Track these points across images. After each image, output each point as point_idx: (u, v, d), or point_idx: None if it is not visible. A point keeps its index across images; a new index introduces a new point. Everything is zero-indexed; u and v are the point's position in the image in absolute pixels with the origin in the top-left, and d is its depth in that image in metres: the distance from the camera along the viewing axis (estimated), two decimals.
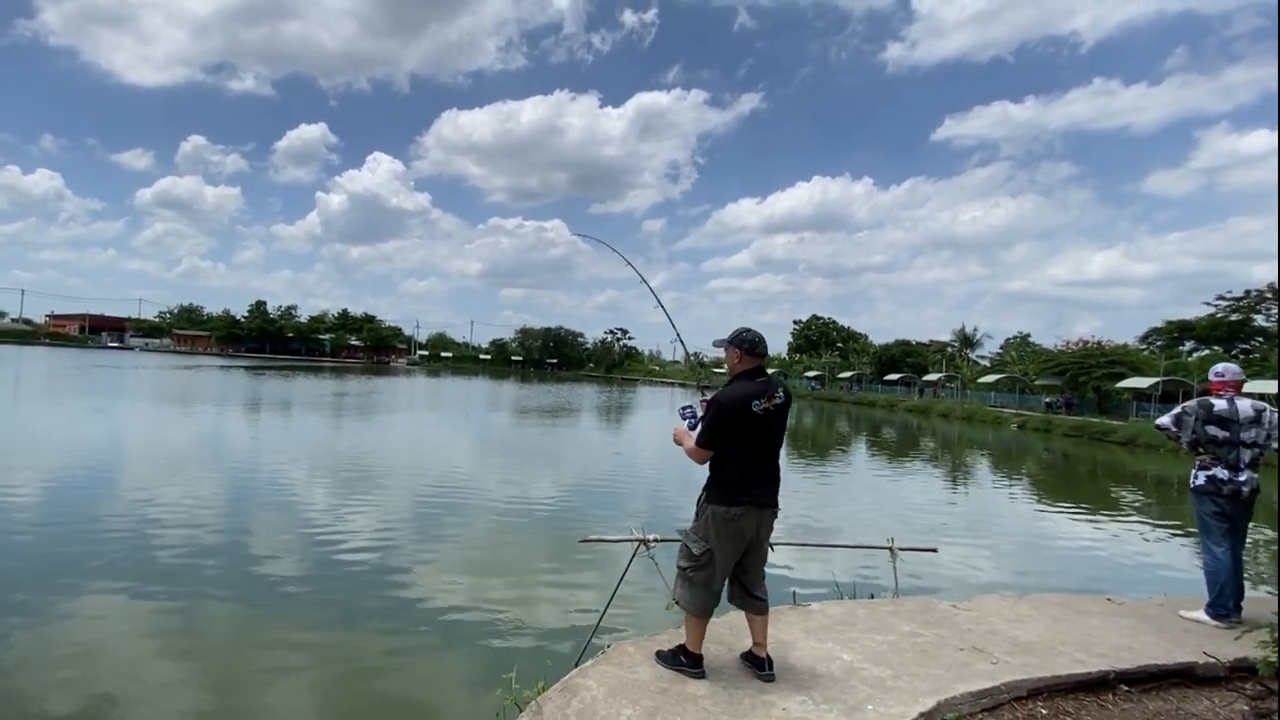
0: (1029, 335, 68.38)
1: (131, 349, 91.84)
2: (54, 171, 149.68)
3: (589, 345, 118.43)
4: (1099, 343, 45.77)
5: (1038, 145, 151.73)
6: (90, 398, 25.18)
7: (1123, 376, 39.27)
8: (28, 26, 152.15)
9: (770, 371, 3.40)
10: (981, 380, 53.06)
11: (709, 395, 3.40)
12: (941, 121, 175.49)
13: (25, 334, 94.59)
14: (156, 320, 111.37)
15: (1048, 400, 42.56)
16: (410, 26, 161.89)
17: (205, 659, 4.92)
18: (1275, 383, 27.57)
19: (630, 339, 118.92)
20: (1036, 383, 46.73)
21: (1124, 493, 17.00)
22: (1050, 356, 49.17)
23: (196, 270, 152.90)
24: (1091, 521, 12.47)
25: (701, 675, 3.16)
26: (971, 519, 12.31)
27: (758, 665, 3.22)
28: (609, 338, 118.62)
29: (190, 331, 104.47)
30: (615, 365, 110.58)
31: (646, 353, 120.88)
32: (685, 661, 3.21)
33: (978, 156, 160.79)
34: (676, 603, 3.27)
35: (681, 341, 4.58)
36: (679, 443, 3.41)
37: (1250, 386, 24.78)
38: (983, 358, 67.10)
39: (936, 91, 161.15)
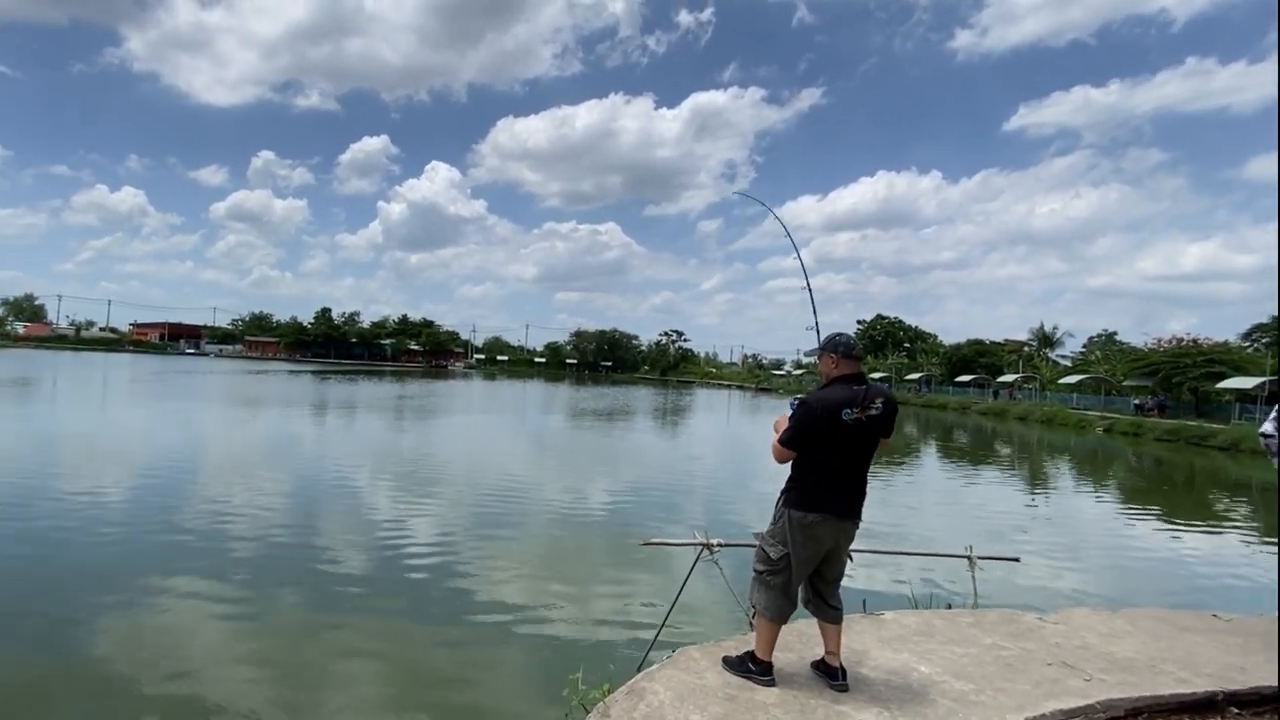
0: (1115, 333, 64.35)
1: (206, 355, 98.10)
2: (138, 189, 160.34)
3: (644, 348, 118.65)
4: (1195, 340, 42.56)
5: (1123, 131, 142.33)
6: (171, 401, 27.02)
7: (1223, 376, 36.38)
8: (115, 54, 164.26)
9: (876, 376, 3.26)
10: (1062, 381, 50.23)
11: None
12: (1015, 110, 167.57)
13: (112, 341, 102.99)
14: (229, 327, 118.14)
15: (1137, 402, 39.89)
16: (468, 37, 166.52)
17: (276, 649, 5.14)
18: None
19: (686, 341, 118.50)
20: (1124, 383, 43.88)
21: (1226, 502, 15.74)
22: (1140, 355, 46.08)
23: (266, 279, 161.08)
24: (1189, 532, 11.60)
25: (771, 683, 3.09)
26: (1054, 527, 11.65)
27: (831, 675, 3.12)
28: (664, 340, 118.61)
29: (260, 338, 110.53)
30: (670, 367, 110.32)
31: (702, 354, 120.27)
32: (754, 668, 3.14)
33: (1056, 145, 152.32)
34: (753, 606, 3.20)
35: (818, 331, 4.08)
36: (777, 431, 3.28)
37: None
38: (1063, 357, 63.53)
39: (1010, 79, 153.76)
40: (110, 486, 10.35)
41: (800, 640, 3.53)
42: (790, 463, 3.16)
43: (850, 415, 3.01)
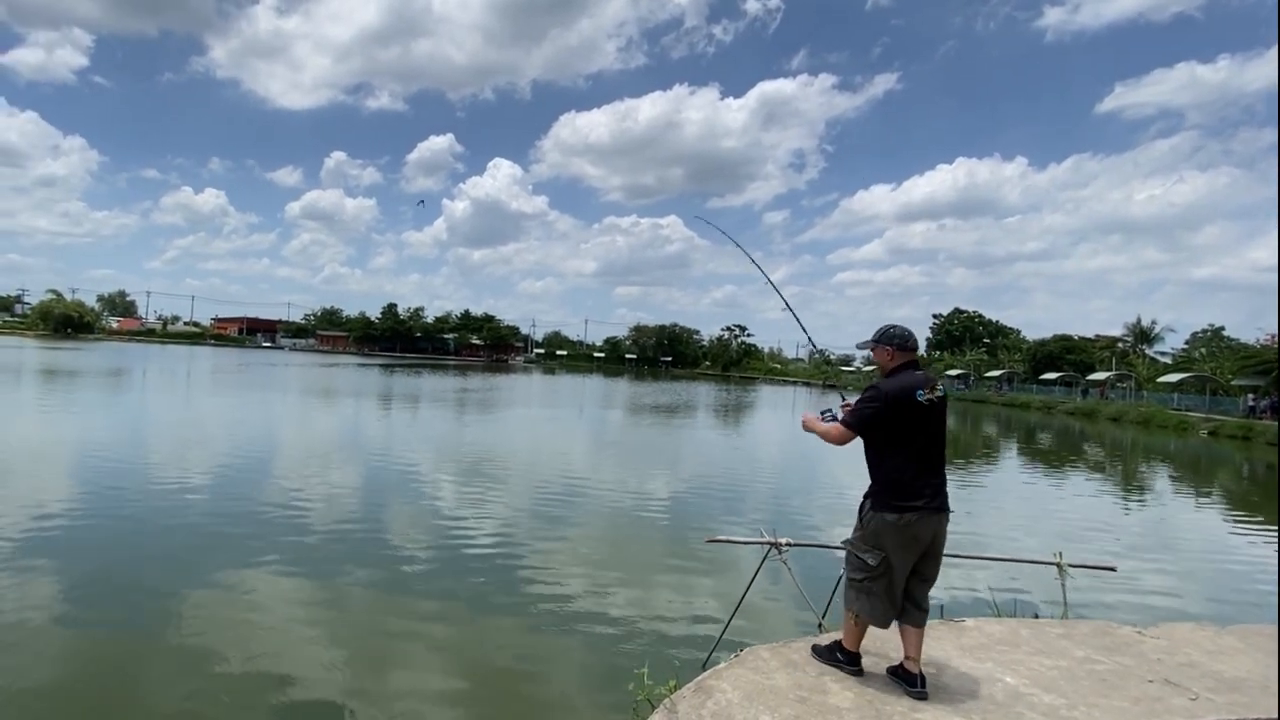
0: (1223, 329, 59.52)
1: (281, 348, 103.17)
2: (219, 190, 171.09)
3: (705, 342, 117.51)
4: None
5: (1233, 111, 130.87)
6: (251, 391, 28.77)
7: None
8: (200, 63, 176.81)
9: (953, 373, 3.26)
10: (1162, 380, 46.80)
11: (849, 398, 3.28)
12: (1111, 90, 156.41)
13: (195, 335, 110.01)
14: (302, 322, 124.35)
15: (1251, 403, 36.66)
16: (532, 35, 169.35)
17: (347, 633, 5.35)
18: None
19: (749, 336, 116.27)
20: (1233, 383, 40.44)
21: None
22: (1252, 353, 42.37)
23: (337, 276, 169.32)
24: None
25: (859, 672, 3.11)
26: (1152, 536, 10.85)
27: (909, 681, 3.01)
28: (725, 334, 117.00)
29: (331, 332, 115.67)
30: (733, 363, 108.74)
31: (766, 350, 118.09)
32: (842, 658, 3.17)
33: (1157, 127, 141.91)
34: (856, 614, 3.13)
35: (804, 330, 4.37)
36: (808, 428, 3.31)
37: None
38: (1162, 354, 59.26)
39: (1104, 58, 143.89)
40: (196, 473, 11.05)
41: (877, 643, 3.41)
42: (869, 464, 3.12)
43: (925, 396, 2.99)
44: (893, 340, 3.14)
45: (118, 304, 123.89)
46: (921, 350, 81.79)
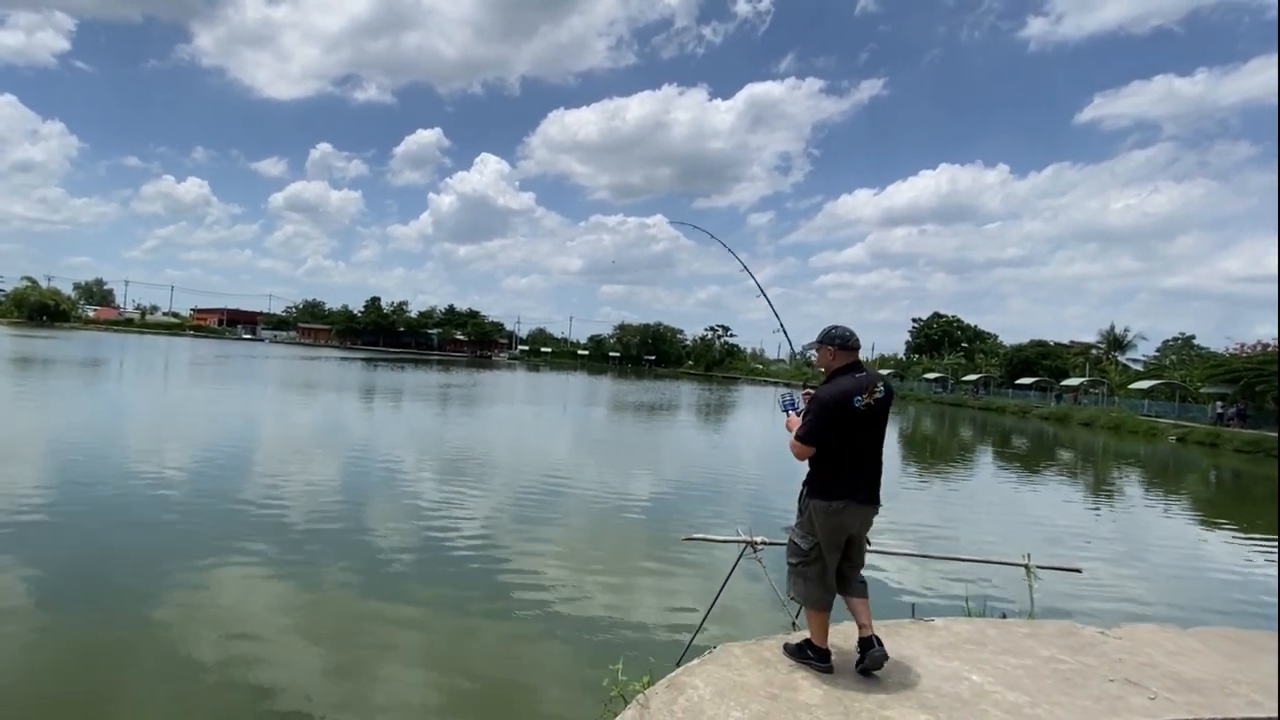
0: (1193, 337, 60.88)
1: (262, 340, 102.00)
2: (202, 180, 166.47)
3: (688, 342, 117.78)
4: None
5: (1209, 124, 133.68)
6: (230, 384, 28.27)
7: None
8: (185, 50, 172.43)
9: (885, 372, 3.38)
10: (1133, 386, 47.70)
11: (810, 388, 3.46)
12: (1090, 100, 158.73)
13: (174, 325, 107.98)
14: (284, 314, 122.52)
15: (1219, 411, 37.56)
16: (522, 30, 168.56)
17: (325, 627, 5.33)
18: None
19: (732, 336, 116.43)
20: (1202, 390, 41.39)
21: None
22: (1220, 361, 43.39)
23: (320, 269, 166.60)
24: (1269, 550, 10.87)
25: (829, 670, 3.20)
26: (1119, 539, 11.09)
27: (867, 645, 3.16)
28: (709, 334, 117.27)
29: (313, 325, 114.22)
30: (716, 363, 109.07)
31: (749, 350, 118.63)
32: (812, 655, 3.27)
33: (1134, 138, 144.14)
34: (793, 599, 3.33)
35: (785, 334, 4.48)
36: (790, 430, 3.48)
37: None
38: (1134, 362, 60.40)
39: (1086, 69, 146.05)
40: (171, 469, 10.87)
41: (846, 641, 3.46)
42: (810, 457, 3.30)
43: (861, 401, 3.16)
44: (834, 340, 3.31)
45: (95, 293, 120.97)
46: (900, 353, 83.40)
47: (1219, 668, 3.58)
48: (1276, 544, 9.99)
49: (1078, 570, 5.16)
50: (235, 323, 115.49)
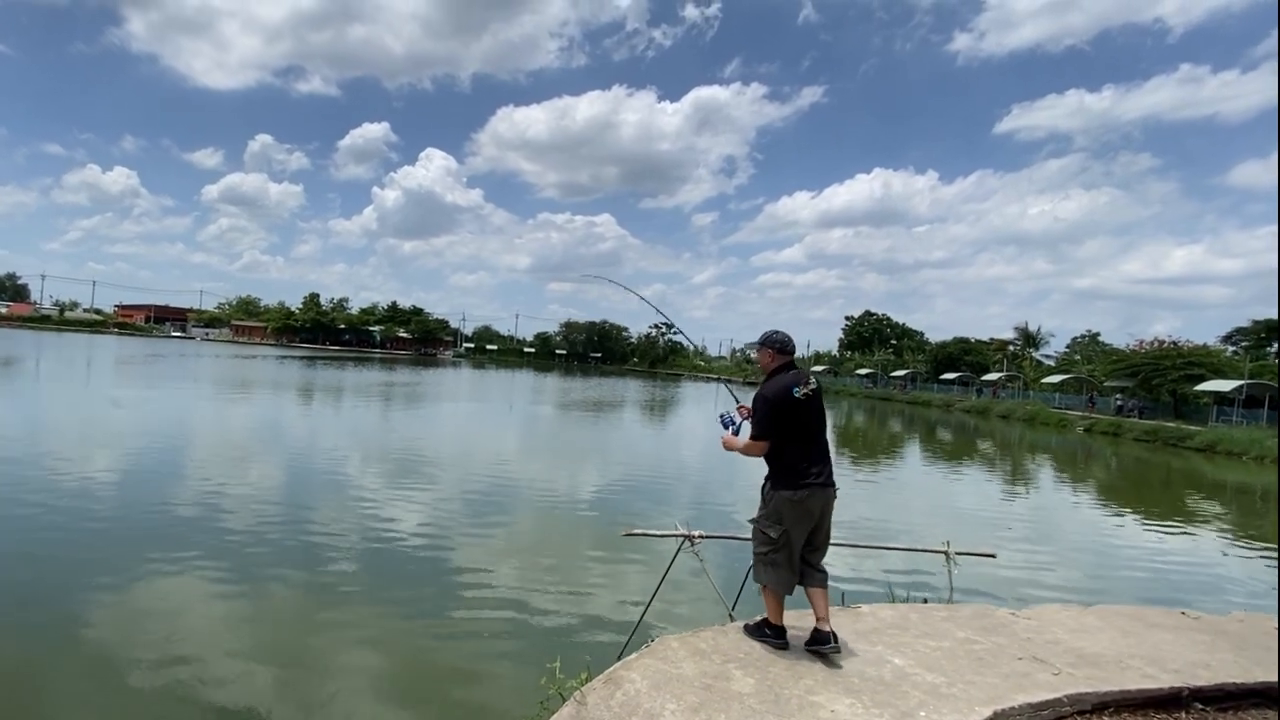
0: (1099, 334, 65.24)
1: (192, 338, 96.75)
2: (131, 170, 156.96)
3: (633, 340, 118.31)
4: (1175, 343, 43.17)
5: (1114, 136, 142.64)
6: (160, 385, 26.68)
7: (1202, 379, 36.93)
8: (116, 34, 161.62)
9: (819, 369, 3.58)
10: (1045, 381, 50.84)
11: (741, 400, 3.76)
12: (1009, 112, 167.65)
13: (96, 323, 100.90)
14: (216, 311, 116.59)
15: (1119, 402, 40.45)
16: (472, 28, 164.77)
17: (266, 632, 5.16)
18: None
19: (676, 334, 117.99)
20: (1106, 384, 44.47)
21: (1201, 502, 16.02)
22: (1122, 357, 46.69)
23: (256, 264, 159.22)
24: (1164, 531, 11.81)
25: (785, 646, 3.42)
26: (1032, 525, 11.82)
27: (822, 640, 3.32)
28: (654, 332, 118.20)
29: (247, 322, 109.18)
30: (660, 360, 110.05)
31: (691, 348, 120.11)
32: (770, 633, 3.49)
33: (1049, 148, 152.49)
34: (763, 585, 3.50)
35: (686, 338, 4.67)
36: (730, 448, 3.68)
37: None
38: (1048, 357, 64.31)
39: (1007, 82, 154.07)
40: (101, 471, 10.23)
41: (807, 619, 3.58)
42: (767, 454, 3.49)
43: (800, 392, 3.44)
44: (774, 344, 3.61)
45: (7, 287, 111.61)
46: (834, 350, 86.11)
47: (1116, 644, 3.87)
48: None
49: (992, 555, 5.49)
50: (163, 320, 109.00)
